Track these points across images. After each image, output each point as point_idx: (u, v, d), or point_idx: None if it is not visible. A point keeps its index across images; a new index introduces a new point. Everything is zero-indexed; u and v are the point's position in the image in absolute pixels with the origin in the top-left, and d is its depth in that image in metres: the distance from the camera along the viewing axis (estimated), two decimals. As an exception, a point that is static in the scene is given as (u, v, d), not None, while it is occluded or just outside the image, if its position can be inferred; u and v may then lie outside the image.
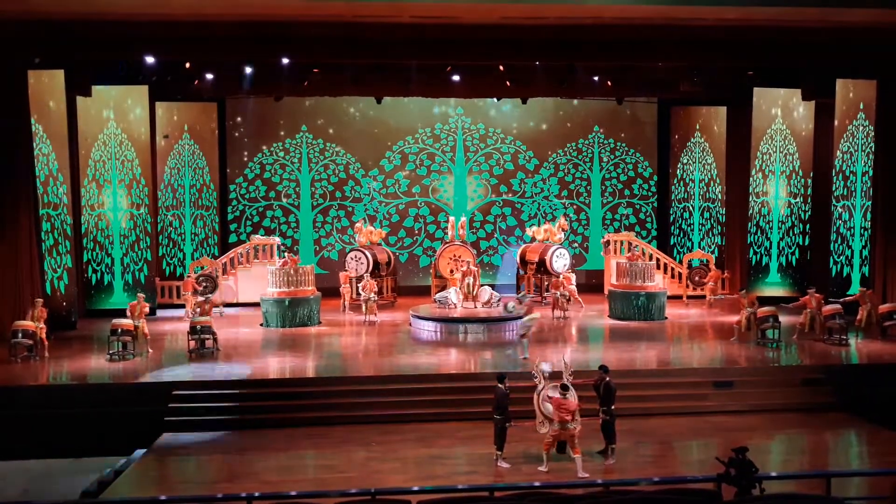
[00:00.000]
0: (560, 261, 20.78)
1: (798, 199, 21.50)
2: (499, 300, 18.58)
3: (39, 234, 17.54)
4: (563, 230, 21.78)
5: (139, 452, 11.41)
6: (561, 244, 21.41)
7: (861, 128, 19.41)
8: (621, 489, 8.39)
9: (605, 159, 24.43)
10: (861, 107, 19.42)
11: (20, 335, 14.78)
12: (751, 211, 21.61)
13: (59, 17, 16.10)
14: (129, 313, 15.66)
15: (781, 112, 21.46)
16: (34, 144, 17.37)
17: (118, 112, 19.83)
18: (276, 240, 21.45)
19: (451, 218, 21.94)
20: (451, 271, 20.52)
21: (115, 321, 15.20)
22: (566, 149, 24.32)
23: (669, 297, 19.88)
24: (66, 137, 18.41)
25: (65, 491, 10.54)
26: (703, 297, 20.83)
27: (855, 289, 18.80)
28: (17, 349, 14.74)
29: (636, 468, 10.53)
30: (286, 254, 20.51)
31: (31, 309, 15.12)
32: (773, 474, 9.23)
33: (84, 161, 19.58)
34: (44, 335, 15.15)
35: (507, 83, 21.06)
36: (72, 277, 18.38)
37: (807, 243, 21.42)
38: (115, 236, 20.02)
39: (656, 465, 10.83)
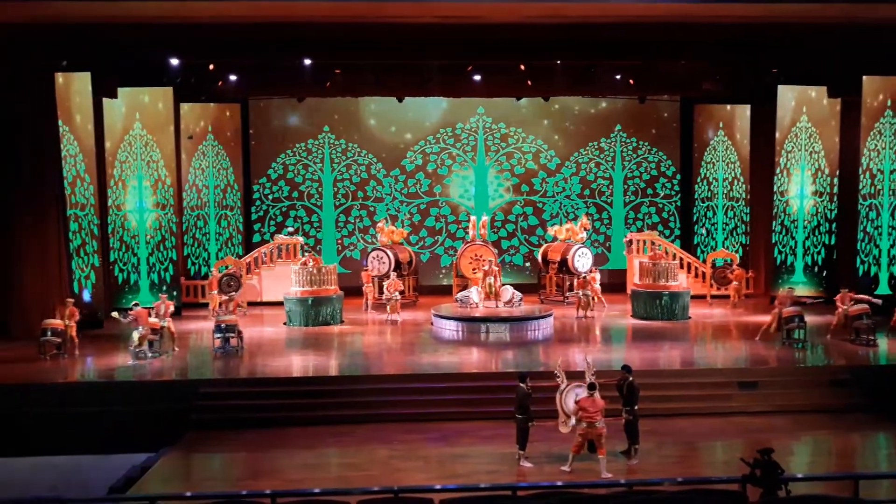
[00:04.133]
0: (582, 260, 20.71)
1: (824, 198, 21.22)
2: (520, 300, 18.54)
3: (67, 234, 17.82)
4: (585, 229, 21.70)
5: (165, 449, 11.53)
6: (583, 243, 21.33)
7: (889, 125, 19.13)
8: (645, 489, 8.37)
9: (627, 158, 24.30)
10: (889, 104, 19.14)
11: (49, 333, 15.03)
12: (775, 210, 21.38)
13: (85, 21, 16.35)
14: (153, 313, 15.84)
15: (806, 110, 21.20)
16: (61, 146, 17.64)
17: (143, 113, 20.08)
18: (300, 239, 21.59)
19: (473, 217, 21.94)
20: (473, 270, 20.52)
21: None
22: (588, 148, 24.22)
23: (693, 297, 19.73)
24: (92, 139, 18.69)
25: (92, 486, 10.67)
26: (728, 296, 20.64)
27: (884, 288, 18.53)
28: (46, 347, 14.98)
29: (660, 469, 10.47)
30: (308, 253, 20.64)
31: (62, 308, 15.34)
32: (800, 476, 9.13)
33: (110, 162, 19.84)
34: (74, 333, 15.38)
35: (529, 82, 21.03)
36: (99, 277, 18.65)
37: (833, 242, 21.15)
38: (141, 236, 20.28)
39: (680, 465, 10.76)
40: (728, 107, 23.45)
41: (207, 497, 8.10)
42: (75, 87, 18.12)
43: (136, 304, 15.70)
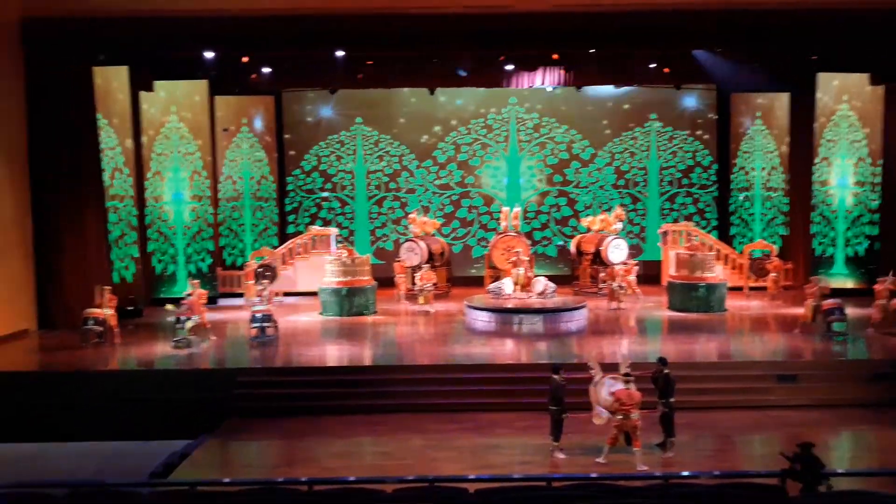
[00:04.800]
0: (617, 251, 20.53)
1: (866, 188, 20.73)
2: (554, 291, 18.45)
3: (106, 226, 18.17)
4: (619, 220, 21.49)
5: (204, 436, 11.73)
6: (617, 234, 21.14)
7: (935, 112, 18.62)
8: (681, 482, 8.27)
9: (662, 148, 23.99)
10: (935, 90, 18.62)
11: (91, 322, 15.35)
12: (815, 200, 20.95)
13: (122, 15, 16.66)
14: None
15: (848, 98, 20.70)
16: (100, 139, 17.97)
17: (179, 106, 20.35)
18: (334, 230, 21.73)
19: (505, 208, 21.86)
20: (509, 261, 20.41)
21: (180, 310, 15.60)
22: (622, 137, 23.97)
23: (730, 289, 19.43)
24: (129, 132, 19.03)
25: (134, 472, 10.91)
26: (765, 288, 20.32)
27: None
28: (88, 336, 15.31)
29: (696, 462, 10.37)
30: (341, 244, 20.78)
31: (99, 297, 15.66)
32: (841, 471, 8.97)
33: (147, 154, 20.17)
34: (114, 322, 15.69)
35: (562, 71, 20.84)
36: (138, 267, 19.00)
37: (875, 233, 20.66)
38: (178, 227, 20.59)
39: (716, 458, 10.64)
40: (766, 95, 22.99)
41: (245, 484, 8.21)
42: (113, 80, 18.44)
43: (190, 294, 15.91)
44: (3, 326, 16.12)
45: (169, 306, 16.24)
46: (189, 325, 15.06)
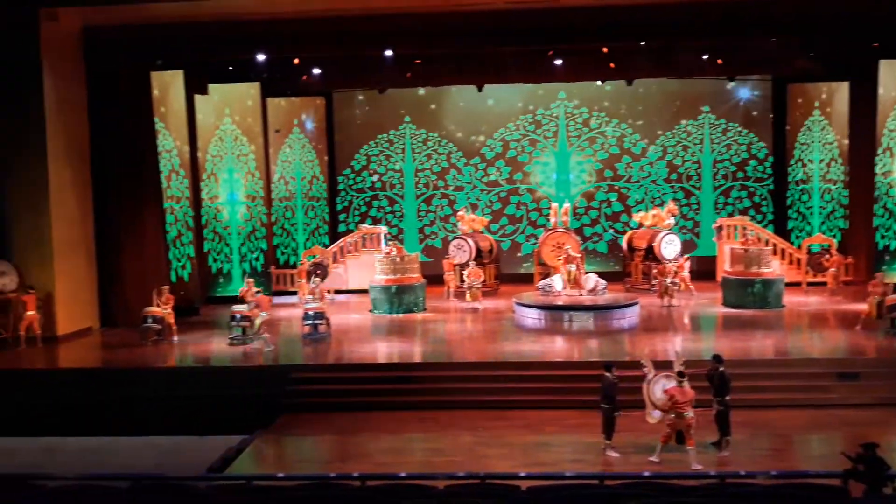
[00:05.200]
0: (670, 247, 20.19)
1: (932, 179, 19.98)
2: (605, 288, 18.25)
3: (164, 227, 18.68)
4: (672, 215, 21.13)
5: (259, 432, 11.97)
6: (670, 230, 20.79)
7: None
8: (737, 482, 8.11)
9: (716, 140, 23.49)
10: None
11: (150, 320, 15.81)
12: (877, 192, 20.24)
13: (178, 21, 17.08)
14: (242, 298, 16.35)
15: (912, 85, 19.94)
16: (157, 142, 18.48)
17: (233, 109, 20.79)
18: (383, 229, 21.91)
19: (554, 204, 21.70)
20: (559, 258, 20.25)
21: (235, 308, 15.98)
22: (674, 131, 23.56)
23: (787, 285, 18.93)
24: (185, 134, 19.51)
25: (191, 466, 11.20)
26: (824, 283, 19.73)
27: None
28: (147, 333, 15.78)
29: (752, 461, 10.15)
30: (391, 242, 20.93)
31: (157, 296, 16.11)
32: (906, 472, 8.65)
33: (202, 156, 20.65)
34: (172, 320, 16.12)
35: (611, 65, 20.57)
36: (194, 267, 19.49)
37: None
38: (233, 227, 21.05)
39: (774, 458, 10.41)
40: (824, 84, 22.31)
41: (299, 479, 8.35)
42: (169, 85, 18.93)
43: (259, 291, 16.24)
44: (69, 324, 16.72)
45: (238, 307, 16.28)
46: (258, 322, 15.32)
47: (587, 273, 18.82)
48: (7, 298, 15.92)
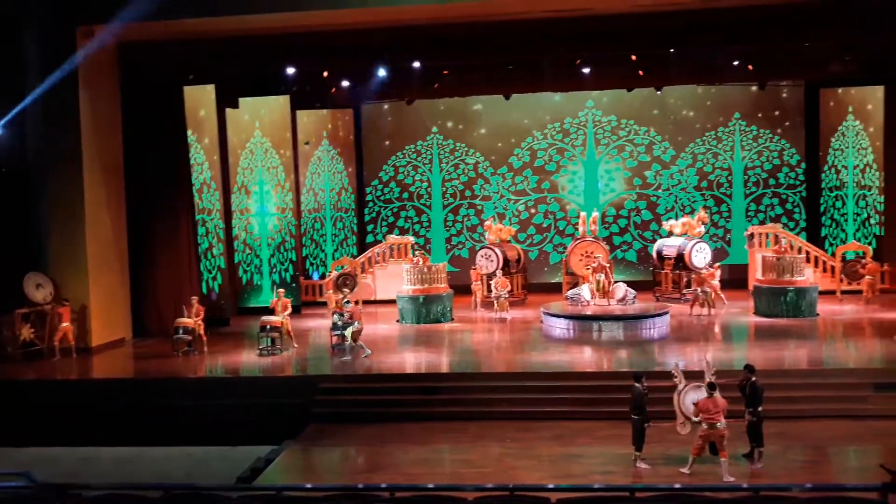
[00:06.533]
0: (700, 255, 19.96)
1: (971, 184, 19.50)
2: (634, 297, 18.09)
3: (196, 238, 18.94)
4: (702, 223, 20.89)
5: (288, 442, 12.04)
6: (701, 238, 20.55)
7: None
8: (771, 494, 7.95)
9: (747, 147, 23.21)
10: None
11: (181, 331, 16.02)
12: (914, 198, 19.82)
13: (209, 36, 17.38)
14: (273, 309, 16.49)
15: (950, 88, 19.53)
16: (190, 155, 18.77)
17: (263, 122, 21.05)
18: (411, 239, 21.98)
19: (583, 213, 21.59)
20: (588, 267, 20.13)
21: (264, 318, 16.12)
22: (705, 138, 23.32)
23: (821, 293, 18.60)
24: (217, 147, 19.81)
25: (222, 476, 11.31)
26: (860, 292, 19.34)
27: None
28: (178, 344, 15.99)
29: (786, 473, 9.96)
30: (418, 252, 20.98)
31: (188, 307, 16.33)
32: (947, 485, 8.41)
33: (233, 169, 20.92)
34: (202, 331, 16.32)
35: (640, 73, 20.47)
36: (225, 278, 19.72)
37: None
38: (263, 239, 21.28)
39: (809, 470, 10.18)
40: (858, 89, 21.92)
41: (328, 489, 8.37)
42: (201, 98, 19.24)
43: (350, 301, 16.35)
44: (103, 335, 17.01)
45: (268, 318, 16.20)
46: (350, 331, 15.31)
47: (616, 282, 18.67)
48: (43, 310, 16.26)
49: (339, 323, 15.86)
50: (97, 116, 17.05)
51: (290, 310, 16.70)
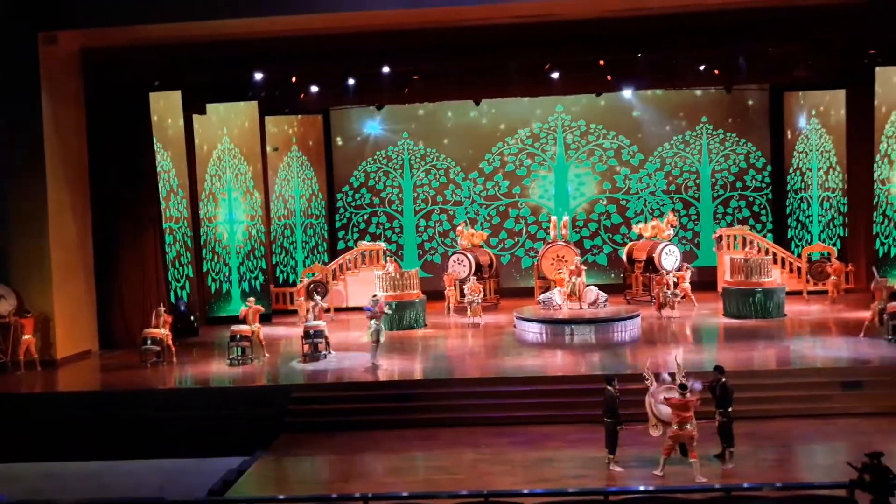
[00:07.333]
0: (670, 258, 20.16)
1: (931, 185, 19.97)
2: (605, 300, 18.19)
3: (163, 247, 18.66)
4: (671, 226, 21.11)
5: (260, 453, 11.88)
6: (670, 241, 20.76)
7: None
8: (742, 494, 8.04)
9: (714, 151, 23.52)
10: None
11: (149, 342, 15.75)
12: (876, 199, 20.22)
13: (176, 42, 17.18)
14: (244, 319, 16.30)
15: (908, 91, 19.98)
16: (156, 162, 18.50)
17: (231, 128, 20.83)
18: (382, 245, 21.89)
19: (554, 217, 21.70)
20: (557, 271, 20.22)
21: (234, 327, 15.94)
22: (672, 142, 23.59)
23: (788, 294, 18.90)
24: (184, 154, 19.55)
25: (192, 489, 11.11)
26: (825, 292, 19.67)
27: None
28: (146, 355, 15.72)
29: (757, 473, 10.06)
30: (390, 259, 20.90)
31: (155, 317, 16.06)
32: (913, 481, 8.56)
33: (201, 176, 20.66)
34: (171, 341, 16.07)
35: (608, 77, 20.66)
36: (193, 287, 19.44)
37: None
38: (232, 247, 21.03)
39: (779, 469, 10.31)
40: (821, 93, 22.35)
41: (301, 500, 8.30)
42: (167, 105, 18.98)
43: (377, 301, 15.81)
44: (68, 347, 16.66)
45: (238, 327, 15.90)
46: (376, 333, 14.96)
47: (587, 286, 18.77)
48: (6, 322, 15.87)
49: (311, 331, 15.69)
50: (60, 123, 16.74)
51: (258, 319, 16.55)
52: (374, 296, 16.38)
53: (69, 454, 12.97)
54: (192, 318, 19.03)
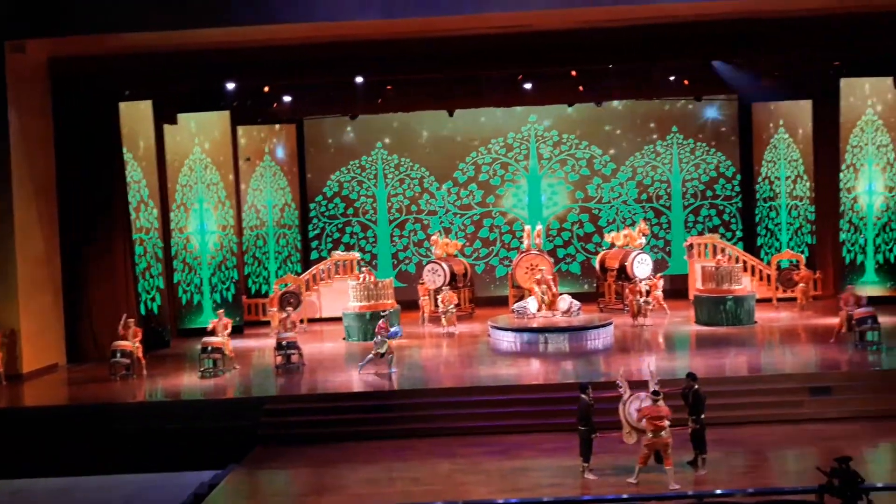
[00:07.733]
0: (641, 266, 20.33)
1: (894, 193, 20.37)
2: (579, 309, 18.30)
3: (133, 258, 18.40)
4: (643, 235, 21.31)
5: (232, 466, 11.74)
6: (642, 249, 20.95)
7: (963, 114, 18.26)
8: (715, 500, 8.11)
9: (684, 160, 23.81)
10: (961, 92, 18.28)
11: (119, 355, 15.50)
12: (842, 207, 20.62)
13: (146, 52, 17.00)
14: (214, 330, 16.11)
15: (872, 102, 20.42)
16: (126, 173, 18.26)
17: (202, 138, 20.63)
18: (356, 255, 21.80)
19: (527, 227, 21.78)
20: (530, 280, 20.29)
21: (205, 339, 15.73)
22: (643, 151, 23.83)
23: (758, 301, 19.15)
24: (154, 165, 19.32)
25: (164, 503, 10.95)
26: (794, 299, 19.97)
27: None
28: (116, 368, 15.46)
29: (729, 479, 10.14)
30: (364, 268, 20.82)
31: (123, 328, 15.81)
32: (880, 485, 8.72)
33: (172, 186, 20.43)
34: (141, 354, 15.82)
35: (581, 87, 20.83)
36: (164, 298, 19.18)
37: (907, 239, 20.26)
38: (203, 257, 20.80)
39: (750, 475, 10.41)
40: (788, 103, 22.73)
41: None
42: (137, 114, 18.76)
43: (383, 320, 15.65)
44: (34, 361, 16.32)
45: (209, 339, 15.74)
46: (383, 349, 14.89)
47: (561, 294, 18.86)
48: (-29, 336, 15.54)
49: (284, 343, 15.59)
50: (27, 133, 16.47)
51: (230, 329, 16.38)
52: (385, 313, 16.58)
53: (36, 470, 12.71)
54: (161, 329, 18.78)
